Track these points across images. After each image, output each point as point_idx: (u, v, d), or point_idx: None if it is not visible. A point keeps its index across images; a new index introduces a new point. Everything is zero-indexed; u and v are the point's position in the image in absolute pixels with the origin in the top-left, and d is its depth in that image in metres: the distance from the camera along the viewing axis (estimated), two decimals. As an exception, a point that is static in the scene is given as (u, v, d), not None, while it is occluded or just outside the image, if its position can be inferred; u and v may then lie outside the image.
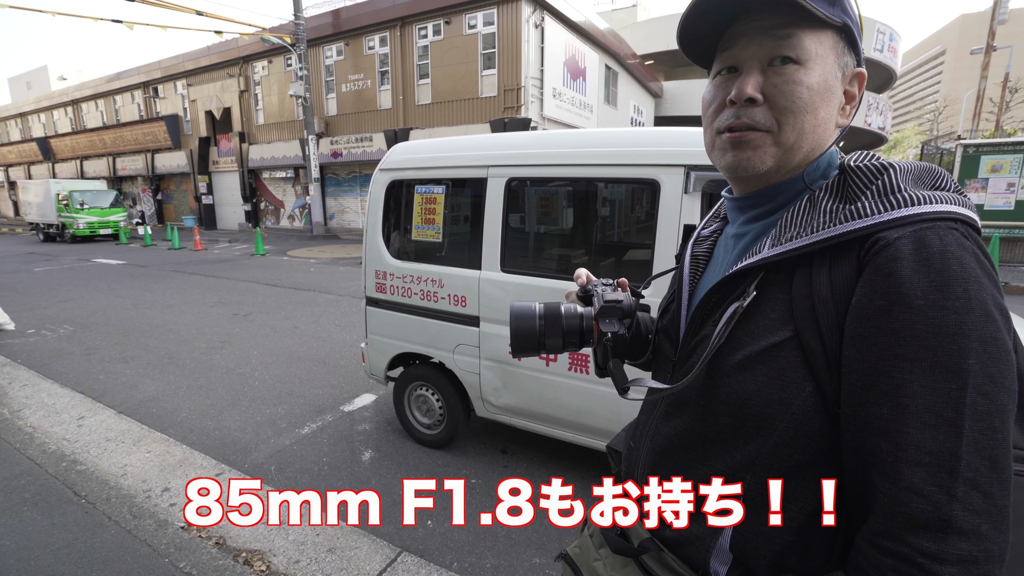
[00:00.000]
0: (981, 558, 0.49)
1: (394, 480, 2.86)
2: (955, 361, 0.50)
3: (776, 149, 0.63)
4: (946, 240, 0.52)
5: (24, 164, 33.56)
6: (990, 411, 0.50)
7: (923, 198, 0.55)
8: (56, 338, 5.83)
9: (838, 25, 0.60)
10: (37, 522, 2.39)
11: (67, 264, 12.22)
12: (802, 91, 0.60)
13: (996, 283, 0.53)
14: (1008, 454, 0.51)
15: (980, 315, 0.50)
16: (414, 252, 3.01)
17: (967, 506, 0.49)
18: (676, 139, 2.25)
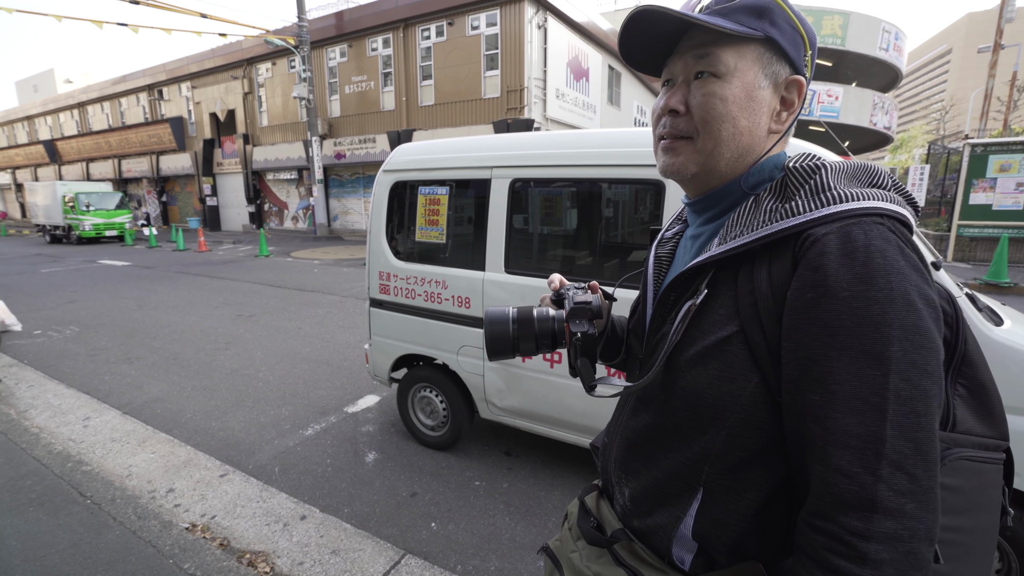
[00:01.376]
0: (906, 536, 0.51)
1: (398, 482, 2.86)
2: (878, 349, 0.52)
3: (697, 155, 0.67)
4: (871, 234, 0.55)
5: (31, 166, 33.80)
6: (913, 396, 0.52)
7: (851, 195, 0.58)
8: (62, 339, 5.86)
9: (760, 38, 0.64)
10: (43, 522, 2.40)
11: (73, 265, 12.30)
12: (717, 103, 0.64)
13: (923, 275, 0.56)
14: (932, 437, 0.53)
15: (902, 305, 0.53)
16: (418, 253, 3.01)
17: (892, 486, 0.52)
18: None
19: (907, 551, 0.52)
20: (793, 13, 0.65)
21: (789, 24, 0.65)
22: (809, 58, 0.67)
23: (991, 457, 0.63)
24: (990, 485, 0.64)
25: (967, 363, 0.64)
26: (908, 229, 0.59)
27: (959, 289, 1.78)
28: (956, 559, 0.60)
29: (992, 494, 0.65)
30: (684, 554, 0.68)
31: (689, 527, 0.67)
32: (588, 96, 17.72)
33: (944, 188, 13.99)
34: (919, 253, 0.57)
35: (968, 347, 0.64)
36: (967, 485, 0.61)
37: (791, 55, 0.65)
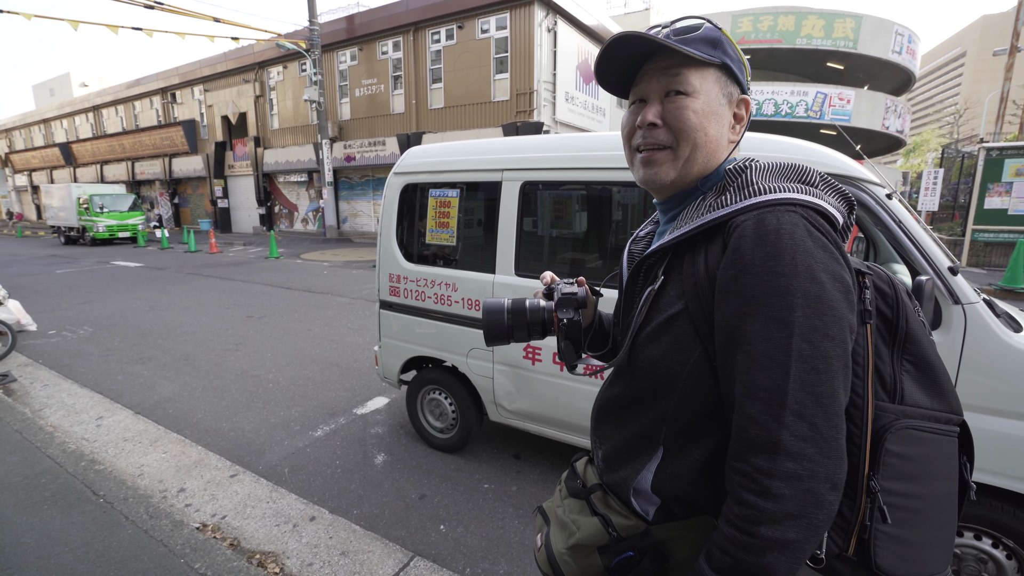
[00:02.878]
0: (805, 476, 0.59)
1: (407, 484, 2.85)
2: (784, 314, 0.61)
3: (676, 162, 0.77)
4: (782, 220, 0.64)
5: (47, 169, 34.37)
6: (814, 355, 0.61)
7: (770, 188, 0.68)
8: (76, 339, 5.94)
9: (718, 64, 0.76)
10: (57, 520, 2.42)
11: (87, 266, 12.47)
12: (690, 115, 0.75)
13: (832, 254, 0.64)
14: (833, 392, 0.61)
15: (806, 278, 0.61)
16: (428, 256, 3.02)
17: (793, 432, 0.60)
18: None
19: (806, 489, 0.59)
20: (735, 43, 0.79)
21: (735, 53, 0.78)
22: (749, 80, 0.80)
23: (941, 428, 0.69)
24: (943, 456, 0.70)
25: (911, 340, 0.71)
26: (824, 217, 0.67)
27: (976, 294, 1.75)
28: (911, 523, 0.67)
29: (945, 465, 0.70)
30: (648, 506, 0.78)
31: (648, 480, 0.77)
32: (597, 99, 17.72)
33: (958, 192, 13.80)
34: (831, 238, 0.65)
35: (911, 326, 0.71)
36: (916, 453, 0.67)
37: (739, 78, 0.78)
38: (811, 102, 23.26)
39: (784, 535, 0.59)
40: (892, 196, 1.82)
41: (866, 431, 0.67)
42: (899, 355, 0.71)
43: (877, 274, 0.73)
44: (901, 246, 1.76)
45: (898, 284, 0.73)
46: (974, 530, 1.79)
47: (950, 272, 1.70)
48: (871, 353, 0.69)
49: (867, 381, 0.68)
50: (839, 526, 0.69)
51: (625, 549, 0.77)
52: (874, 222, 1.84)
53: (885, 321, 0.71)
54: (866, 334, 0.69)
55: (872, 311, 0.70)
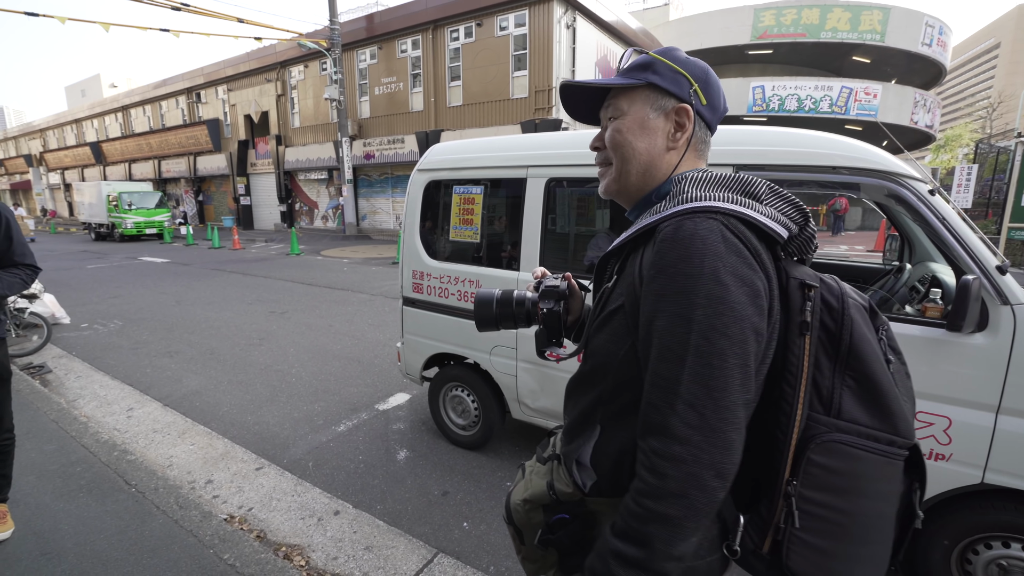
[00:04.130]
0: (690, 460, 0.64)
1: (429, 480, 2.86)
2: (686, 312, 0.66)
3: (615, 175, 0.87)
4: (698, 225, 0.68)
5: (78, 167, 35.40)
6: (710, 352, 0.65)
7: (697, 197, 0.72)
8: (107, 332, 6.10)
9: (643, 85, 0.84)
10: (92, 508, 2.49)
11: (116, 262, 12.81)
12: (616, 134, 0.85)
13: (745, 260, 0.67)
14: (726, 387, 0.65)
15: (710, 279, 0.65)
16: (452, 252, 3.02)
17: (683, 419, 0.65)
18: (724, 138, 2.17)
19: (689, 472, 0.64)
20: (674, 61, 0.84)
21: (670, 70, 0.83)
22: (697, 89, 0.83)
23: (875, 448, 0.69)
24: (875, 476, 0.70)
25: (855, 357, 0.70)
26: (748, 225, 0.70)
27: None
28: (828, 534, 0.70)
29: (878, 485, 0.71)
30: (587, 479, 0.84)
31: (587, 455, 0.84)
32: (616, 96, 17.55)
33: (991, 189, 13.34)
34: (749, 244, 0.68)
35: (855, 342, 0.70)
36: (843, 468, 0.69)
37: (673, 91, 0.83)
38: (836, 97, 22.70)
39: (665, 510, 0.66)
40: (935, 192, 1.75)
41: (791, 438, 0.70)
42: (841, 370, 0.71)
43: (828, 287, 0.74)
44: (945, 245, 1.69)
45: (848, 300, 0.73)
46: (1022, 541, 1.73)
47: (998, 271, 1.63)
48: (807, 364, 0.71)
49: (798, 390, 0.71)
50: (756, 524, 0.75)
51: (562, 511, 0.88)
52: (915, 219, 1.78)
53: (829, 334, 0.72)
54: (803, 346, 0.71)
55: (813, 323, 0.71)
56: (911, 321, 1.80)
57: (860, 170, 1.89)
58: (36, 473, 2.82)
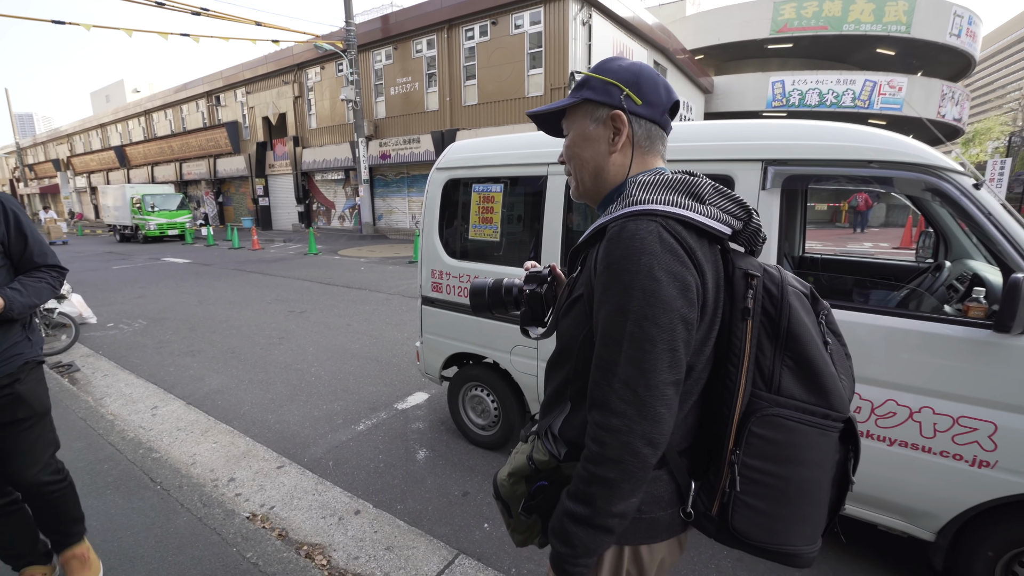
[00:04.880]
0: (624, 431, 0.74)
1: (449, 480, 2.85)
2: (624, 304, 0.75)
3: (575, 182, 0.99)
4: (640, 227, 0.76)
5: (103, 171, 36.31)
6: (643, 338, 0.74)
7: (641, 200, 0.80)
8: (132, 332, 6.22)
9: (578, 102, 0.93)
10: (119, 505, 2.52)
11: (140, 263, 13.09)
12: (566, 149, 0.98)
13: (679, 258, 0.75)
14: (655, 368, 0.74)
15: (645, 275, 0.74)
16: (471, 251, 2.99)
17: (619, 396, 0.75)
18: (751, 132, 2.11)
19: (624, 442, 0.74)
20: (604, 73, 0.91)
21: (601, 83, 0.90)
22: (629, 92, 0.89)
23: (810, 420, 0.78)
24: (809, 445, 0.78)
25: (793, 339, 0.78)
26: (686, 226, 0.78)
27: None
28: (767, 497, 0.79)
29: (812, 454, 0.79)
30: (560, 448, 0.92)
31: (558, 427, 0.93)
32: (632, 92, 17.37)
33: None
34: (684, 243, 0.76)
35: (793, 326, 0.79)
36: (780, 438, 0.77)
37: (605, 101, 0.90)
38: (859, 91, 22.18)
39: (605, 474, 0.75)
40: (980, 186, 1.67)
41: (734, 412, 0.80)
42: (781, 351, 0.79)
43: (770, 276, 0.82)
44: (992, 241, 1.61)
45: (788, 288, 0.81)
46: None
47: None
48: (749, 346, 0.79)
49: (740, 369, 0.79)
50: (705, 489, 0.85)
51: (541, 479, 0.96)
52: (958, 215, 1.70)
53: (770, 319, 0.80)
54: (745, 329, 0.80)
55: (755, 310, 0.80)
56: (953, 321, 1.72)
57: (896, 164, 1.81)
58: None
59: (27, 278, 1.75)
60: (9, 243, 1.71)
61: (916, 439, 1.82)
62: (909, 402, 1.82)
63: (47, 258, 1.80)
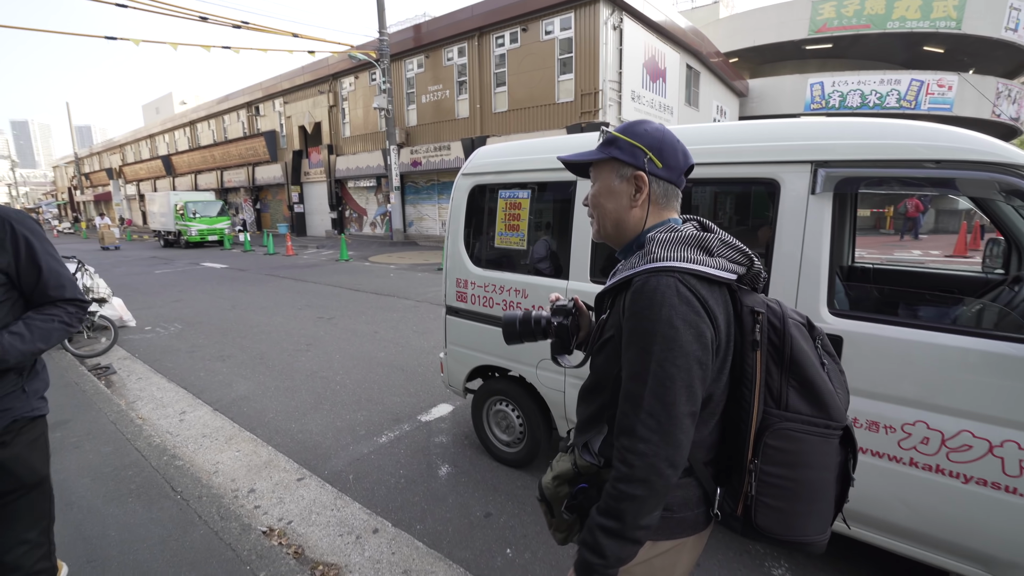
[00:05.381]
0: (650, 454, 0.86)
1: (471, 499, 2.73)
2: (648, 347, 0.88)
3: (597, 227, 1.10)
4: (661, 282, 0.89)
5: (151, 179, 38.06)
6: (663, 376, 0.87)
7: (661, 257, 0.92)
8: (167, 335, 6.37)
9: (606, 158, 1.05)
10: (139, 514, 2.50)
11: (180, 268, 13.55)
12: (592, 198, 1.09)
13: (694, 308, 0.88)
14: (675, 401, 0.86)
15: (666, 324, 0.87)
16: (497, 260, 2.88)
17: (645, 424, 0.87)
18: (799, 131, 1.93)
19: (650, 464, 0.85)
20: (632, 136, 1.02)
21: (627, 144, 1.02)
22: (652, 156, 1.01)
23: (814, 431, 0.91)
24: (814, 451, 0.92)
25: (796, 364, 0.92)
26: (699, 279, 0.91)
27: None
28: (783, 497, 0.92)
29: (816, 459, 0.92)
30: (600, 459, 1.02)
31: (597, 445, 1.03)
32: (665, 97, 17.06)
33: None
34: (698, 294, 0.89)
35: (795, 352, 0.92)
36: (791, 447, 0.91)
37: (629, 161, 1.02)
38: (904, 91, 21.16)
39: (633, 492, 0.86)
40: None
41: (751, 427, 0.93)
42: (786, 374, 0.92)
43: (772, 311, 0.95)
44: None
45: (788, 320, 0.94)
46: None
47: None
48: (760, 372, 0.93)
49: (754, 392, 0.93)
50: (730, 493, 0.98)
51: (582, 481, 1.05)
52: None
53: (775, 348, 0.93)
54: (756, 359, 0.93)
55: (762, 341, 0.93)
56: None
57: (971, 163, 1.61)
58: (92, 475, 2.89)
59: (37, 315, 1.46)
60: (18, 274, 1.44)
61: (999, 477, 1.59)
62: (988, 434, 1.60)
63: (64, 291, 1.51)
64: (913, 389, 1.72)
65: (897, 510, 1.79)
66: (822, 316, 1.85)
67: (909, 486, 1.76)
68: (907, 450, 1.75)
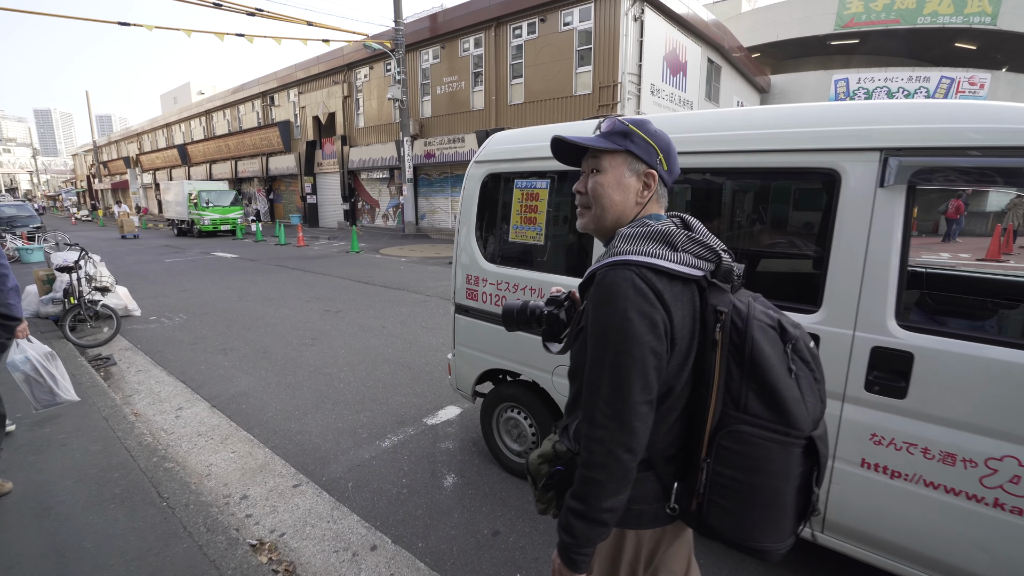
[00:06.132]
0: (607, 440, 0.90)
1: (479, 515, 2.51)
2: (604, 337, 0.92)
3: (592, 217, 1.10)
4: (617, 274, 0.93)
5: (167, 168, 38.34)
6: (619, 364, 0.90)
7: (622, 251, 0.95)
8: (171, 326, 6.24)
9: (623, 151, 1.05)
10: (119, 524, 2.32)
11: (191, 257, 13.51)
12: (599, 187, 1.07)
13: (648, 300, 0.90)
14: (630, 389, 0.90)
15: (619, 316, 0.90)
16: (512, 256, 2.64)
17: (602, 412, 0.91)
18: (865, 114, 1.67)
19: (608, 449, 0.90)
20: (647, 135, 1.05)
21: (643, 141, 1.05)
22: (662, 159, 1.06)
23: (771, 437, 0.91)
24: (770, 459, 0.91)
25: (756, 366, 0.91)
26: (655, 272, 0.93)
27: None
28: (735, 499, 0.93)
29: (772, 466, 0.92)
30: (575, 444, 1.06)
31: (573, 429, 1.09)
32: (685, 92, 16.63)
33: None
34: (652, 286, 0.91)
35: (755, 354, 0.91)
36: (744, 450, 0.92)
37: (644, 158, 1.05)
38: (933, 89, 20.42)
39: (594, 476, 0.91)
40: None
41: (706, 425, 0.94)
42: (747, 376, 0.92)
43: (738, 311, 0.94)
44: None
45: (752, 322, 0.93)
46: None
47: None
48: (718, 371, 0.93)
49: (712, 390, 0.94)
50: (685, 489, 1.00)
51: (559, 464, 1.09)
52: None
53: (736, 349, 0.93)
54: (715, 357, 0.94)
55: (723, 341, 0.93)
56: None
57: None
58: (76, 477, 2.72)
59: None
60: None
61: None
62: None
63: None
64: (1002, 419, 1.46)
65: (975, 558, 1.53)
66: (889, 330, 1.59)
67: (991, 531, 1.50)
68: (991, 489, 1.49)
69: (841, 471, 1.71)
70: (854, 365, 1.64)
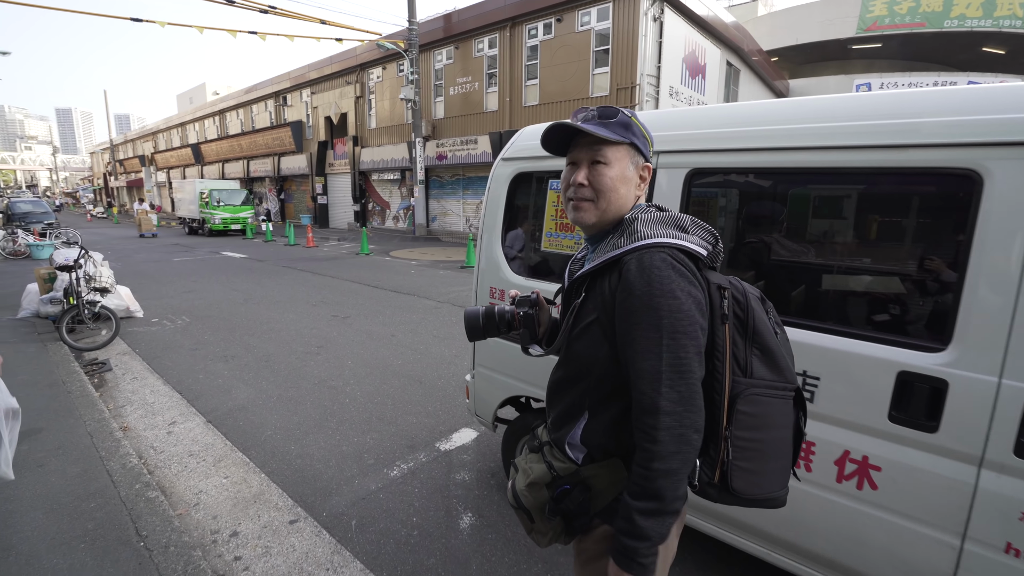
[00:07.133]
0: (677, 426, 0.90)
1: (500, 565, 2.16)
2: (655, 322, 0.92)
3: (596, 211, 1.07)
4: (654, 258, 0.94)
5: (181, 167, 38.52)
6: (677, 347, 0.91)
7: (648, 234, 0.98)
8: (173, 329, 5.97)
9: (628, 143, 1.06)
10: (85, 570, 2.01)
11: (200, 256, 13.32)
12: (607, 180, 1.05)
13: (688, 279, 0.94)
14: (690, 369, 0.91)
15: (668, 297, 0.91)
16: (543, 267, 2.31)
17: (667, 398, 0.90)
18: (1014, 99, 1.31)
19: (680, 435, 0.90)
20: (642, 125, 1.08)
21: (641, 133, 1.08)
22: (652, 151, 1.17)
23: (776, 393, 0.99)
24: (777, 412, 0.99)
25: (757, 333, 0.98)
26: (685, 253, 0.97)
27: None
28: (754, 459, 0.98)
29: (779, 418, 1.00)
30: (578, 454, 1.07)
31: (578, 435, 1.07)
32: (703, 95, 16.22)
33: None
34: (688, 267, 0.95)
35: (757, 324, 0.98)
36: (758, 411, 0.97)
37: (643, 151, 1.09)
38: (958, 96, 19.80)
39: (668, 466, 0.89)
40: None
41: (724, 397, 0.96)
42: (750, 344, 0.98)
43: (735, 287, 1.00)
44: None
45: (749, 294, 1.00)
46: None
47: None
48: (728, 344, 0.96)
49: (725, 363, 0.96)
50: (707, 462, 0.99)
51: (563, 483, 1.07)
52: None
53: (740, 321, 0.98)
54: (725, 331, 0.97)
55: (729, 315, 0.97)
56: None
57: None
58: (47, 507, 2.42)
59: None
60: None
61: None
62: None
63: None
64: None
65: None
66: (1049, 375, 1.23)
67: None
68: None
69: (975, 556, 1.34)
70: (999, 422, 1.28)
